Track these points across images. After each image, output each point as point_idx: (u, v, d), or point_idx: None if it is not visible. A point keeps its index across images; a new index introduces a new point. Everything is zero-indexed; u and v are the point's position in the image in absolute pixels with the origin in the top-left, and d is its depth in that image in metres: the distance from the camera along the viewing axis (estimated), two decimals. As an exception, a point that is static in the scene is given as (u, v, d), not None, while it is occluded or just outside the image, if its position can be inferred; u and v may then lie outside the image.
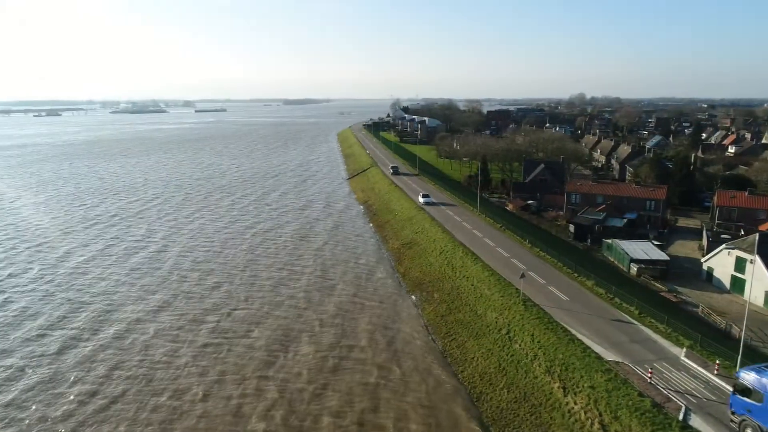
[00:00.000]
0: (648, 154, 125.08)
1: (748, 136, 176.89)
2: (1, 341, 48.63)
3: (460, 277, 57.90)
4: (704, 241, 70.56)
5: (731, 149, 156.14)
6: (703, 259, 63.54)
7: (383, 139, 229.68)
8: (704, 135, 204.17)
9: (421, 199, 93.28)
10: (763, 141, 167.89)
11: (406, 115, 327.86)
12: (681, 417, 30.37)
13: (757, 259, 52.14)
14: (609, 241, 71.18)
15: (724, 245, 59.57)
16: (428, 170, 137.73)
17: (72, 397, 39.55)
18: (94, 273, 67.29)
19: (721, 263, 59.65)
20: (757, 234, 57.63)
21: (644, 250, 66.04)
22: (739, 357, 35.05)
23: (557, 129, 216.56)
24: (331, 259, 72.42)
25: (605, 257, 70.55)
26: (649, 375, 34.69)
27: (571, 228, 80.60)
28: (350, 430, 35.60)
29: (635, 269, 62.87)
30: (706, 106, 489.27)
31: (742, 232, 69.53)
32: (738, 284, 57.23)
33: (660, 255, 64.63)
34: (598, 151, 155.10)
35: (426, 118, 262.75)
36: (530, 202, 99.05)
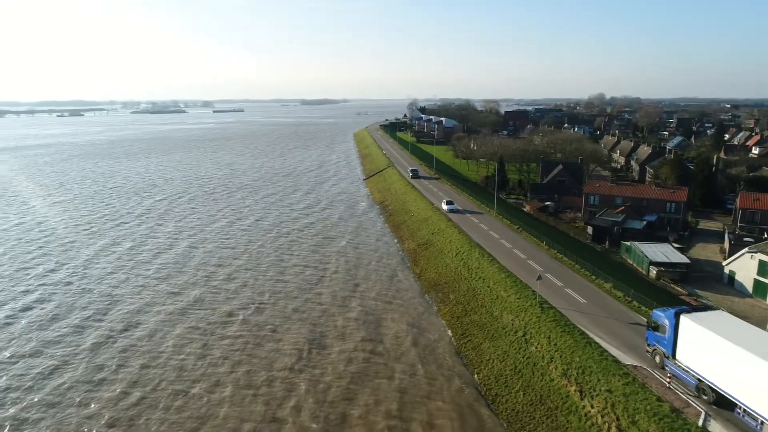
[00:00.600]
0: (669, 155, 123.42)
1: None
2: (37, 335, 49.95)
3: (477, 278, 57.71)
4: (726, 244, 69.34)
5: (755, 150, 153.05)
6: (724, 263, 62.45)
7: (400, 139, 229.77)
8: (727, 136, 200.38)
9: (444, 206, 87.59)
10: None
11: (423, 116, 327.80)
12: (701, 423, 29.94)
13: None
14: (628, 243, 70.33)
15: (746, 248, 58.52)
16: (446, 171, 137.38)
17: (109, 388, 40.93)
18: (123, 270, 68.59)
19: (743, 267, 58.58)
20: (781, 237, 56.53)
21: (664, 252, 65.12)
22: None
23: (576, 129, 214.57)
24: (347, 259, 72.68)
25: (624, 260, 69.74)
26: (668, 380, 34.24)
27: (589, 230, 79.81)
28: (366, 428, 35.79)
29: (654, 272, 62.04)
30: (729, 106, 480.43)
31: (766, 236, 68.20)
32: (761, 288, 56.14)
33: (680, 258, 63.68)
34: (618, 152, 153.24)
35: (443, 119, 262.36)
36: (548, 203, 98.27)
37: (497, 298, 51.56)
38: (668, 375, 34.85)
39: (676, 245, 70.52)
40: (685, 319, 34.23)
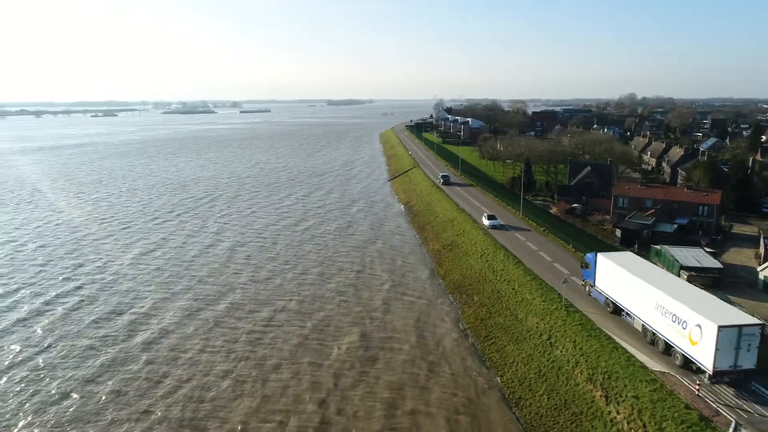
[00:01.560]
0: (702, 156, 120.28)
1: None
2: (72, 326, 52.10)
3: (501, 280, 57.36)
4: (762, 249, 67.25)
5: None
6: (759, 268, 60.55)
7: (425, 139, 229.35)
8: (764, 137, 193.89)
9: (485, 222, 78.02)
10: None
11: (449, 116, 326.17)
12: (731, 432, 29.28)
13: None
14: (658, 247, 68.78)
15: (782, 254, 56.69)
16: (472, 172, 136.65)
17: (142, 376, 42.92)
18: (155, 265, 70.97)
19: (779, 273, 56.79)
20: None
21: (695, 257, 63.51)
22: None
23: (605, 130, 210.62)
24: (372, 259, 73.06)
25: (653, 264, 68.24)
26: (697, 387, 33.51)
27: (618, 233, 78.42)
28: (389, 427, 36.01)
29: (685, 277, 60.54)
30: (766, 106, 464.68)
31: (804, 241, 65.92)
32: (797, 295, 54.36)
33: (712, 263, 62.02)
34: (648, 153, 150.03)
35: (469, 119, 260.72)
36: (575, 205, 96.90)
37: (522, 301, 51.18)
38: (588, 289, 50.14)
39: (708, 249, 68.70)
40: (601, 257, 47.35)
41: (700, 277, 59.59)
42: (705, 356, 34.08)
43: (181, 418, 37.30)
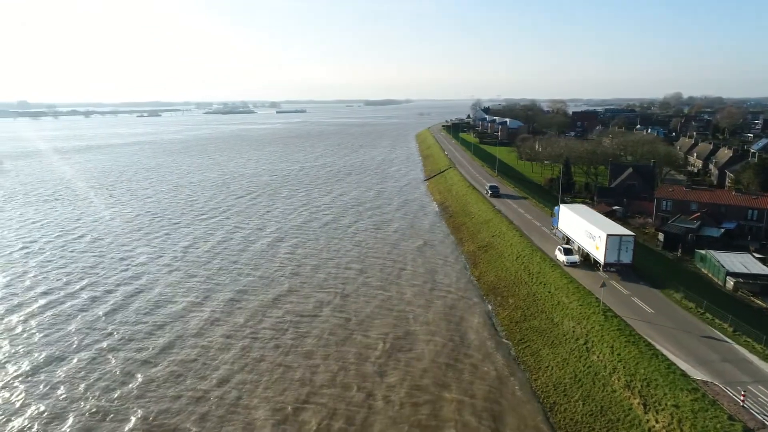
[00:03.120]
0: (752, 158, 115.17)
1: None
2: (144, 317, 54.79)
3: (537, 283, 56.51)
4: (815, 256, 64.01)
5: None
6: (812, 276, 57.69)
7: (462, 140, 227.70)
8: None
9: (561, 257, 60.75)
10: None
11: (486, 116, 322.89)
12: (777, 446, 28.10)
13: None
14: (702, 251, 66.43)
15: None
16: (509, 173, 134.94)
17: (198, 361, 45.49)
18: (214, 261, 73.40)
19: (834, 281, 54.04)
20: None
21: (743, 262, 61.02)
22: None
23: (649, 131, 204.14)
24: (405, 260, 73.14)
25: (697, 269, 65.98)
26: (742, 398, 32.25)
27: (660, 236, 76.08)
28: (420, 426, 36.12)
29: (732, 283, 58.31)
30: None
31: None
32: None
33: (762, 269, 59.45)
34: (695, 154, 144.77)
35: (507, 119, 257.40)
36: (616, 207, 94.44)
37: (558, 304, 50.31)
38: (553, 230, 71.14)
39: (757, 255, 65.92)
40: (562, 207, 67.99)
41: (747, 284, 57.29)
42: (601, 255, 55.03)
43: (236, 401, 39.49)
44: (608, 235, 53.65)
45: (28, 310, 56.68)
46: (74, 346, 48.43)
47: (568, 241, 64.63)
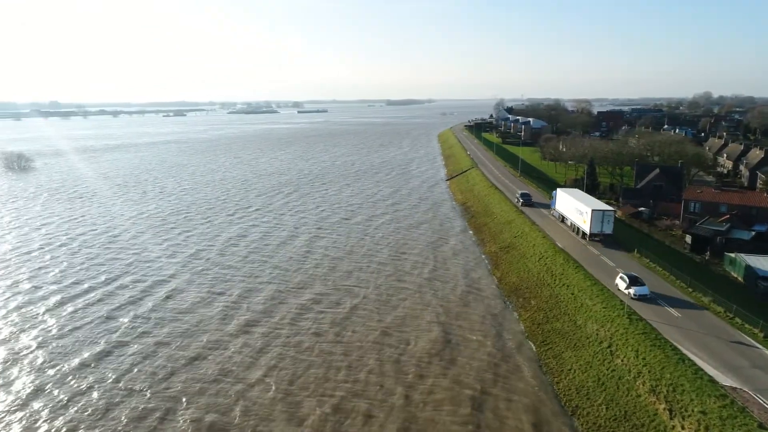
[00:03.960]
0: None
1: None
2: (169, 311, 56.04)
3: (560, 284, 55.74)
4: None
5: None
6: None
7: (484, 140, 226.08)
8: None
9: (625, 287, 49.98)
10: None
11: (509, 116, 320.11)
12: (810, 456, 27.20)
13: None
14: (732, 255, 64.72)
15: None
16: (532, 173, 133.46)
17: (240, 356, 46.43)
18: (240, 255, 75.43)
19: None
20: None
21: (775, 267, 59.21)
22: None
23: (676, 131, 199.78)
24: (426, 260, 72.90)
25: (727, 272, 64.31)
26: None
27: (688, 239, 74.33)
28: (438, 425, 35.93)
29: (763, 287, 56.64)
30: None
31: None
32: None
33: (794, 273, 57.60)
34: (724, 155, 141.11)
35: (530, 119, 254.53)
36: (641, 209, 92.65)
37: (582, 307, 49.54)
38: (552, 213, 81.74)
39: (789, 259, 63.84)
40: (558, 191, 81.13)
41: (779, 289, 55.57)
42: (587, 227, 67.52)
43: (283, 393, 40.55)
44: (593, 210, 66.40)
45: (81, 300, 59.73)
46: (120, 340, 49.76)
47: (562, 219, 78.59)
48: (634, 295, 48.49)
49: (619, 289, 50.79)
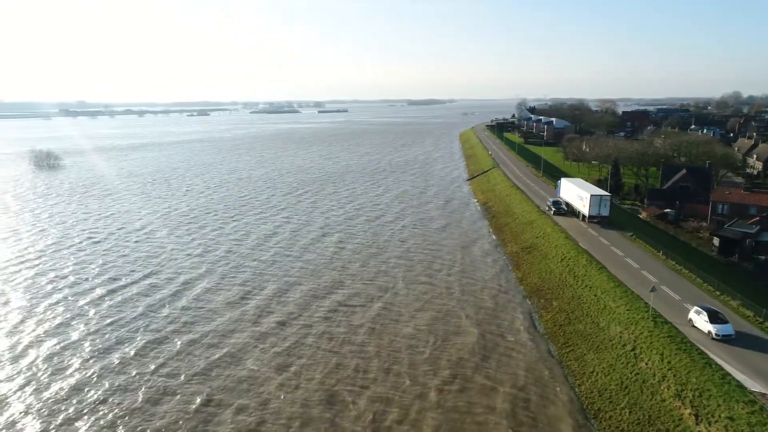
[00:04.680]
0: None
1: None
2: (203, 311, 56.50)
3: (583, 286, 54.98)
4: None
5: None
6: None
7: (506, 140, 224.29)
8: None
9: (705, 325, 40.86)
10: None
11: (532, 116, 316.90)
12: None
13: None
14: (762, 257, 63.12)
15: None
16: (554, 173, 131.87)
17: (274, 348, 47.66)
18: (268, 254, 75.95)
19: None
20: None
21: (807, 270, 57.53)
22: None
23: (704, 131, 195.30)
24: (450, 261, 72.66)
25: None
26: None
27: (716, 241, 72.65)
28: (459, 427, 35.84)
29: (794, 292, 55.07)
30: None
31: None
32: None
33: (828, 278, 55.92)
34: (754, 156, 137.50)
35: (553, 119, 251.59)
36: (667, 210, 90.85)
37: (605, 308, 48.79)
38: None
39: (823, 263, 62.02)
40: (562, 180, 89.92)
41: (811, 293, 53.94)
42: (587, 210, 75.92)
43: (326, 387, 41.14)
44: (591, 195, 75.06)
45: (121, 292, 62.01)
46: (159, 336, 50.40)
47: (563, 203, 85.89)
48: (717, 335, 39.93)
49: (693, 326, 42.31)
